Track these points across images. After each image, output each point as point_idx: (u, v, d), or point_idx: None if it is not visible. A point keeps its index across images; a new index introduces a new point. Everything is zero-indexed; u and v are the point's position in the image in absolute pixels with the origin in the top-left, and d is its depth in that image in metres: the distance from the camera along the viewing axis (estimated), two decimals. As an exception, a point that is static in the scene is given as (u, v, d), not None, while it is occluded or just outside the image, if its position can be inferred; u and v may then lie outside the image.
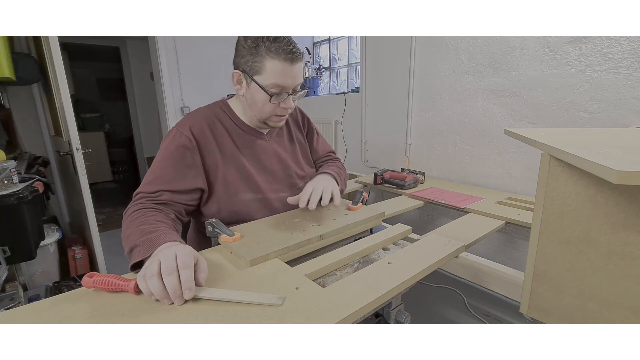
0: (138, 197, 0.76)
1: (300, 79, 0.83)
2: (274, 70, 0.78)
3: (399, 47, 1.84)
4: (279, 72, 0.78)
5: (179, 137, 0.81)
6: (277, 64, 0.77)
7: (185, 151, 0.81)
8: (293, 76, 0.80)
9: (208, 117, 0.88)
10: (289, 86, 0.81)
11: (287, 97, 0.83)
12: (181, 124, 0.84)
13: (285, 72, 0.78)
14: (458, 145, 1.67)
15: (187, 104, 2.80)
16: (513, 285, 0.81)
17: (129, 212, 0.72)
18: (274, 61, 0.77)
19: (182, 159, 0.80)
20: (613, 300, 0.48)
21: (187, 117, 0.87)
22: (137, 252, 0.61)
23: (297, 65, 0.80)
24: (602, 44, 1.15)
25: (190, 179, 0.80)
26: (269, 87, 0.80)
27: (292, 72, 0.79)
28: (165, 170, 0.79)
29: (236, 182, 0.87)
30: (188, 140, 0.81)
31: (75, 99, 3.98)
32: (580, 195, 0.49)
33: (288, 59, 0.77)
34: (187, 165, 0.80)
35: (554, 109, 1.30)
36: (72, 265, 2.25)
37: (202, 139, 0.84)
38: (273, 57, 0.77)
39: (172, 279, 0.50)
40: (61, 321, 0.47)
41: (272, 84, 0.79)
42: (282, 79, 0.79)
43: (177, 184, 0.78)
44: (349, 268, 0.67)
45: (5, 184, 1.37)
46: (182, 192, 0.79)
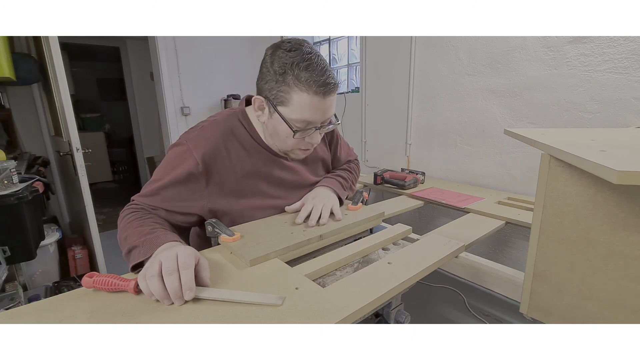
0: (135, 202, 0.75)
1: (331, 113, 0.74)
2: (302, 105, 0.68)
3: (399, 47, 1.84)
4: (307, 106, 0.69)
5: (188, 159, 0.73)
6: (306, 98, 0.68)
7: (190, 177, 0.74)
8: (323, 111, 0.71)
9: (224, 134, 0.78)
10: (317, 122, 0.72)
11: (314, 131, 0.74)
12: (194, 142, 0.75)
13: (315, 108, 0.69)
14: (458, 145, 1.67)
15: (187, 104, 2.81)
16: (513, 285, 0.81)
17: (125, 214, 0.72)
18: (302, 94, 0.67)
19: (185, 183, 0.74)
20: (613, 300, 0.48)
21: (201, 131, 0.77)
22: (136, 252, 0.61)
23: (329, 99, 0.70)
24: (602, 44, 1.15)
25: (189, 205, 0.76)
26: (295, 121, 0.71)
27: (322, 107, 0.70)
28: (167, 190, 0.74)
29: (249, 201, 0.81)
30: (195, 166, 0.73)
31: (75, 99, 3.98)
32: (580, 195, 0.49)
33: (320, 93, 0.68)
34: (189, 190, 0.75)
35: (554, 109, 1.30)
36: (72, 265, 2.25)
37: (213, 164, 0.76)
38: (302, 89, 0.67)
39: (172, 280, 0.50)
40: (61, 321, 0.47)
41: (299, 119, 0.70)
42: (311, 115, 0.70)
43: (175, 205, 0.75)
44: (349, 268, 0.67)
45: (5, 184, 1.37)
46: (179, 214, 0.76)
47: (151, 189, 0.75)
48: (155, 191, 0.74)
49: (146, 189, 0.76)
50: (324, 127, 0.76)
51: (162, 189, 0.74)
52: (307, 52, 0.69)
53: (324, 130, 0.78)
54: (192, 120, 2.82)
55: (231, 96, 2.89)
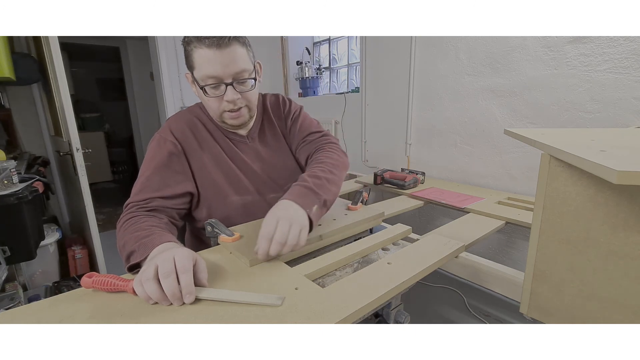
0: (129, 207, 0.75)
1: (236, 66, 0.75)
2: (201, 60, 0.73)
3: (399, 47, 1.84)
4: (205, 60, 0.73)
5: (164, 143, 0.80)
6: (202, 53, 0.72)
7: (172, 156, 0.79)
8: (224, 63, 0.73)
9: (189, 120, 0.85)
10: (221, 75, 0.74)
11: (225, 88, 0.76)
12: (163, 130, 0.82)
13: (212, 60, 0.72)
14: (458, 145, 1.67)
15: (187, 104, 2.80)
16: (513, 285, 0.81)
17: (122, 221, 0.72)
18: (199, 50, 0.72)
19: (169, 164, 0.79)
20: (613, 300, 0.48)
21: (167, 122, 0.85)
22: (133, 257, 0.61)
23: (227, 51, 0.73)
24: (602, 44, 1.15)
25: (178, 184, 0.79)
26: (202, 80, 0.75)
27: (221, 59, 0.73)
28: (153, 178, 0.77)
29: (224, 186, 0.85)
30: (173, 146, 0.79)
31: (75, 99, 3.98)
32: (580, 195, 0.49)
33: (214, 44, 0.71)
34: (174, 170, 0.79)
35: (554, 109, 1.30)
36: (72, 265, 2.25)
37: (186, 143, 0.82)
38: (197, 46, 0.72)
39: (170, 282, 0.49)
40: (61, 321, 0.47)
41: (204, 76, 0.74)
42: (212, 68, 0.73)
43: (166, 190, 0.77)
44: (348, 268, 0.67)
45: (5, 184, 1.37)
46: (172, 197, 0.77)
47: (139, 183, 0.77)
48: (144, 183, 0.76)
49: (135, 187, 0.77)
50: (237, 83, 0.76)
51: (148, 179, 0.77)
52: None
53: (244, 90, 0.78)
54: (192, 120, 2.82)
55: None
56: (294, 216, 0.64)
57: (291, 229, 0.62)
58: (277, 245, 0.60)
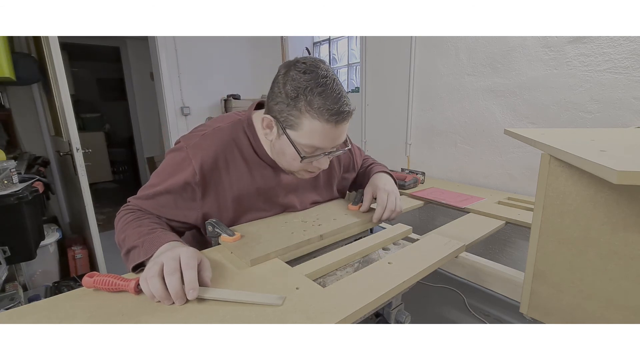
0: (131, 204, 0.74)
1: (343, 139, 0.71)
2: (312, 132, 0.66)
3: (399, 47, 1.84)
4: (318, 134, 0.66)
5: (187, 166, 0.71)
6: (317, 125, 0.65)
7: (187, 187, 0.72)
8: (334, 138, 0.68)
9: (226, 144, 0.75)
10: (327, 148, 0.70)
11: (322, 157, 0.71)
12: (194, 150, 0.72)
13: (326, 135, 0.66)
14: (458, 145, 1.67)
15: (187, 104, 2.81)
16: (513, 285, 0.81)
17: (122, 215, 0.71)
18: (314, 121, 0.64)
19: (181, 192, 0.73)
20: (613, 300, 0.48)
21: (202, 141, 0.74)
22: (136, 253, 0.61)
23: (342, 126, 0.68)
24: (602, 44, 1.15)
25: (183, 213, 0.75)
26: (303, 146, 0.68)
27: (334, 135, 0.67)
28: (161, 196, 0.73)
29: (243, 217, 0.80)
30: (192, 176, 0.71)
31: (75, 99, 3.98)
32: (580, 195, 0.49)
33: (332, 121, 0.64)
34: (184, 199, 0.74)
35: (554, 109, 1.30)
36: (72, 265, 2.25)
37: (211, 175, 0.73)
38: (314, 116, 0.64)
39: (174, 279, 0.50)
40: (61, 321, 0.47)
41: (308, 145, 0.67)
42: (321, 142, 0.67)
43: (169, 213, 0.74)
44: (349, 268, 0.67)
45: (5, 184, 1.37)
46: (173, 221, 0.75)
47: (147, 193, 0.74)
48: (151, 196, 0.74)
49: (142, 192, 0.75)
50: (333, 153, 0.73)
51: (157, 194, 0.73)
52: (323, 76, 0.65)
53: (332, 156, 0.75)
54: (192, 120, 2.82)
55: (231, 96, 2.89)
56: (395, 189, 0.86)
57: (396, 199, 0.83)
58: (388, 212, 0.81)
